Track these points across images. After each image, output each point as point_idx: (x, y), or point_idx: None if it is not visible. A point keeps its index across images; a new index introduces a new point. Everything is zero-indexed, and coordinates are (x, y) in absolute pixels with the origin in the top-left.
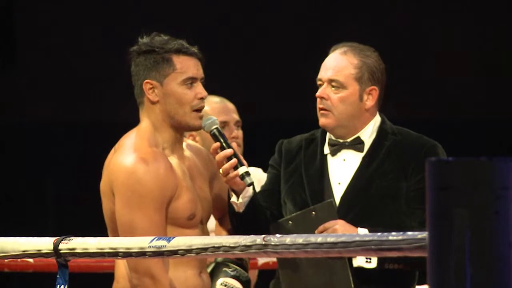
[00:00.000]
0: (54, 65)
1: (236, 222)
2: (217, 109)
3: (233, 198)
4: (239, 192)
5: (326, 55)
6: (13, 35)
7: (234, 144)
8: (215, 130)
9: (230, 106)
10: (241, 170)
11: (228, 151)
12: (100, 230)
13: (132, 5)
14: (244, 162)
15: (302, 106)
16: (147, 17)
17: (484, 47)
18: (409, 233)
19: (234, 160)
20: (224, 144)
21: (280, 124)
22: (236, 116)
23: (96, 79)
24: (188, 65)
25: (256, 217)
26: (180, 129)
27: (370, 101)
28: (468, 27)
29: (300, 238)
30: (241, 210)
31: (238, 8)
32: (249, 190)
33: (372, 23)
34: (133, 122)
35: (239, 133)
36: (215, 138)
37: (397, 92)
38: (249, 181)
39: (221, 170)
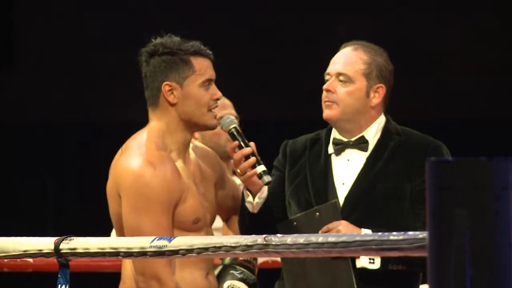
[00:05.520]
0: (53, 65)
1: (249, 223)
2: None
3: (249, 198)
4: (255, 193)
5: (328, 55)
6: (13, 35)
7: (252, 144)
8: (233, 130)
9: (227, 102)
10: (259, 169)
11: (246, 150)
12: (101, 230)
13: (132, 7)
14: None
15: (302, 107)
16: (147, 18)
17: (484, 47)
18: (410, 232)
19: (252, 159)
20: (242, 143)
21: (278, 125)
22: (233, 112)
23: (96, 79)
24: (205, 67)
25: (269, 218)
26: (195, 130)
27: (376, 98)
28: (468, 27)
29: (301, 238)
30: (255, 211)
31: (238, 8)
32: (265, 191)
33: (373, 23)
34: (134, 122)
35: None
36: (233, 137)
37: (397, 92)
38: (266, 180)
39: (238, 169)
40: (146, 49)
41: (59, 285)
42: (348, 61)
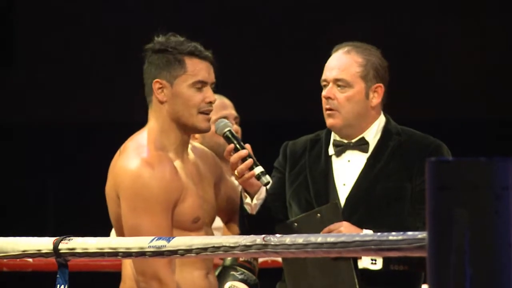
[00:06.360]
0: (53, 65)
1: (248, 224)
2: (216, 105)
3: (247, 200)
4: (253, 194)
5: (327, 56)
6: (13, 34)
7: (247, 145)
8: (228, 133)
9: (228, 102)
10: (257, 170)
11: (243, 152)
12: (100, 230)
13: (132, 7)
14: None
15: (302, 107)
16: (147, 18)
17: (484, 47)
18: (409, 233)
19: (249, 161)
20: (238, 146)
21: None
22: (234, 112)
23: (96, 79)
24: (199, 68)
25: (268, 219)
26: (187, 131)
27: (376, 98)
28: (468, 27)
29: (300, 238)
30: (254, 212)
31: (238, 8)
32: (263, 192)
33: (373, 23)
34: (134, 122)
35: (237, 128)
36: (228, 141)
37: (397, 92)
38: (265, 181)
39: (236, 172)
40: (148, 46)
41: (58, 285)
42: (343, 65)
